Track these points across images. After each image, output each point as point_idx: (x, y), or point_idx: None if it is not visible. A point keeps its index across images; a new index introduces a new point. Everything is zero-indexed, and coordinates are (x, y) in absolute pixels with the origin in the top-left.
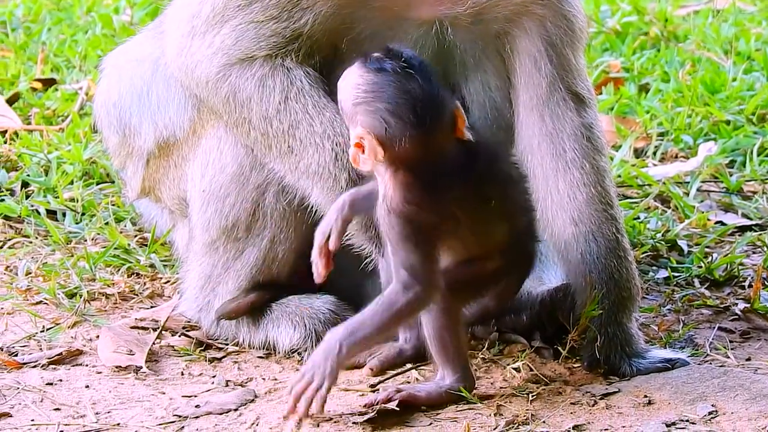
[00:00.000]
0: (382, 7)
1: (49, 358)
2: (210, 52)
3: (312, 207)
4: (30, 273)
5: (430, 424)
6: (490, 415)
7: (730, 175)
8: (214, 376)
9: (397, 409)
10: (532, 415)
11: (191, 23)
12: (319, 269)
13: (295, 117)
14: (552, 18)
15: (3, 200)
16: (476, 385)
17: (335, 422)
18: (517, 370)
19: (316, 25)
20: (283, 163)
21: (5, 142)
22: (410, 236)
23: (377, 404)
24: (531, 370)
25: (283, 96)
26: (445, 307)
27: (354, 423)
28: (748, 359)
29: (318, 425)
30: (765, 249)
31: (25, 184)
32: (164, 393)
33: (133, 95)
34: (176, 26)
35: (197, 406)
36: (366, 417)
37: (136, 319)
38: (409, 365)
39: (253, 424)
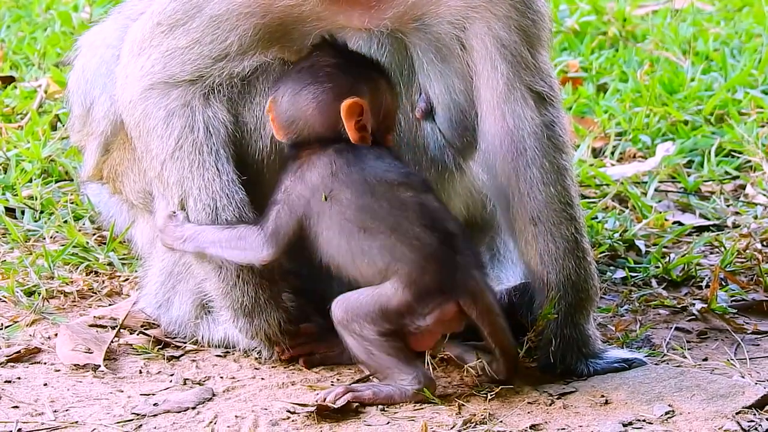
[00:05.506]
0: (312, 24)
1: (7, 356)
2: (140, 74)
3: None
4: None
5: (388, 423)
6: (448, 414)
7: (688, 176)
8: (172, 375)
9: (336, 407)
10: (489, 414)
11: (131, 45)
12: None
13: (181, 173)
14: (499, 21)
15: None
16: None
17: (293, 421)
18: (475, 369)
19: (245, 45)
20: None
21: None
22: (285, 199)
23: (323, 402)
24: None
25: (178, 144)
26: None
27: (311, 420)
28: (705, 359)
29: (276, 423)
30: (722, 249)
31: None
32: (122, 391)
33: (102, 73)
34: (125, 44)
35: (155, 405)
36: (307, 410)
37: (94, 317)
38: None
39: (210, 422)
